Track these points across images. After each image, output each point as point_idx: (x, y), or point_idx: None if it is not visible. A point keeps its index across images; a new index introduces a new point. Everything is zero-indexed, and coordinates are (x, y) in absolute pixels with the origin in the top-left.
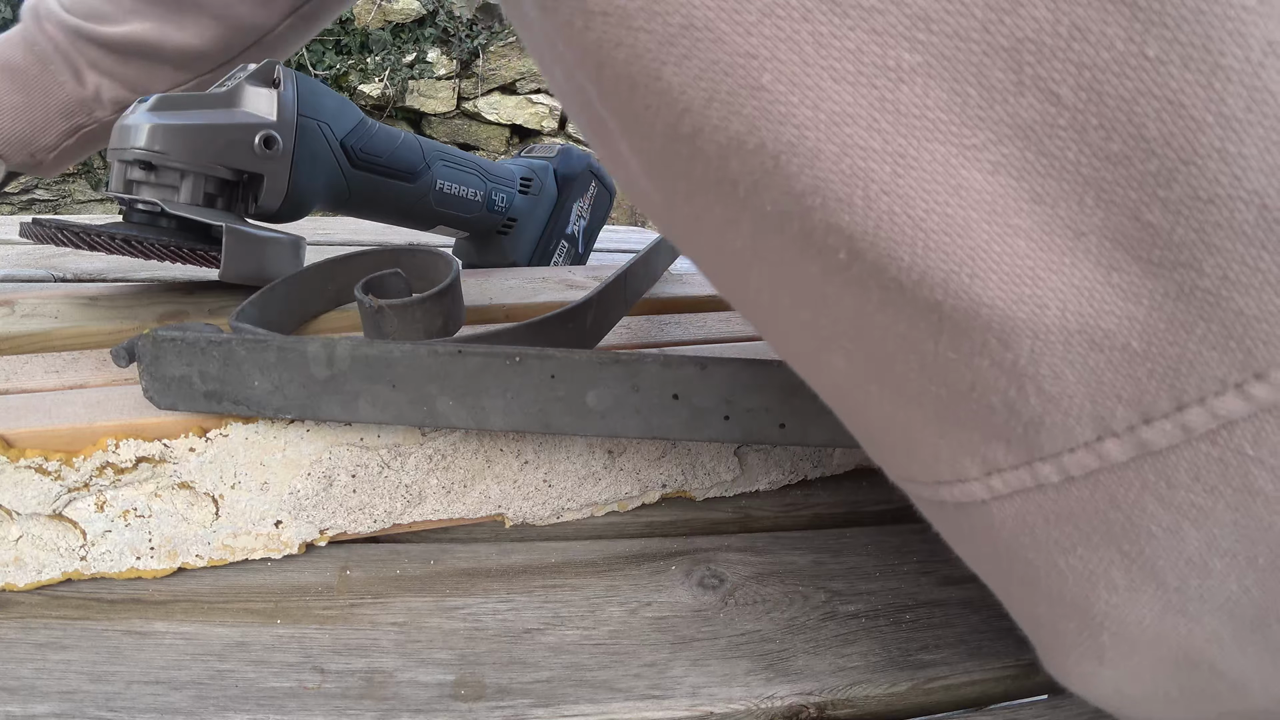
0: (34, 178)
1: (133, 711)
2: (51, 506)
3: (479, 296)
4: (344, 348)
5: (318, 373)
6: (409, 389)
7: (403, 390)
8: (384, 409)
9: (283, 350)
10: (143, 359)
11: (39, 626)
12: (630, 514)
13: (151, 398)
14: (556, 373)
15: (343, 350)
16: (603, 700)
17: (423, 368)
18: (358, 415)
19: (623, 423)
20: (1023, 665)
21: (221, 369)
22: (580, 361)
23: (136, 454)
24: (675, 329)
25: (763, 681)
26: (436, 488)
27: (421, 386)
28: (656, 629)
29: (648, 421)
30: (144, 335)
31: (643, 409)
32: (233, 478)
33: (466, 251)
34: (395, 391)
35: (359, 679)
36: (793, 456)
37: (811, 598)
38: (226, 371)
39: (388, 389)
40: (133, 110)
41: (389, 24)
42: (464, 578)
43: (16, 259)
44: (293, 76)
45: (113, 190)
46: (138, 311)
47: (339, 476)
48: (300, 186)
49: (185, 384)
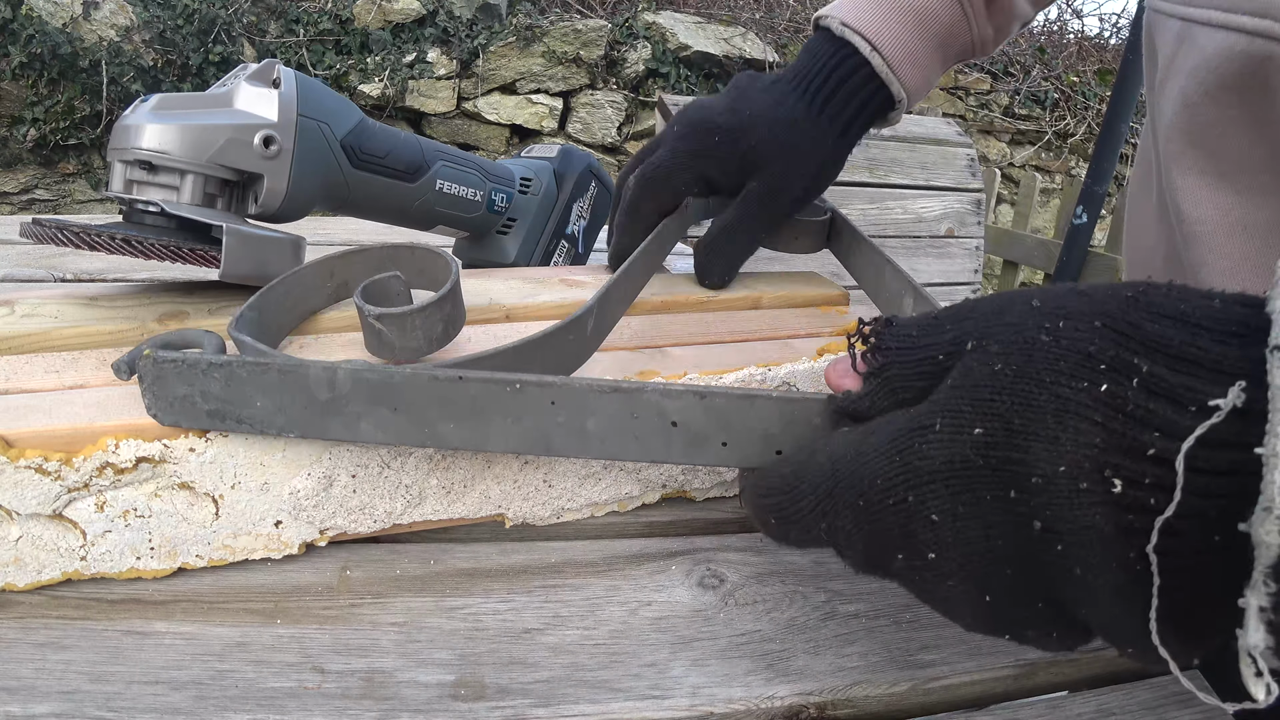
0: (35, 178)
1: (133, 711)
2: (51, 506)
3: (479, 296)
4: (345, 373)
5: (320, 395)
6: (411, 413)
7: (405, 414)
8: (386, 431)
9: (284, 373)
10: (144, 378)
11: (39, 626)
12: (630, 514)
13: (155, 415)
14: (556, 399)
15: (344, 375)
16: (603, 700)
17: (424, 393)
18: (360, 436)
19: (622, 447)
20: (1023, 665)
21: (224, 389)
22: (579, 389)
23: (136, 454)
24: (675, 328)
25: (763, 681)
26: (436, 488)
27: (423, 410)
28: (656, 629)
29: (646, 446)
30: (144, 356)
31: (641, 435)
32: (233, 478)
33: (466, 251)
34: (397, 415)
35: (359, 679)
36: None
37: (811, 598)
38: (229, 392)
39: (389, 412)
40: (133, 110)
41: (389, 24)
42: (464, 578)
43: (16, 259)
44: (293, 76)
45: (113, 190)
46: (138, 311)
47: (339, 477)
48: (300, 186)
49: (188, 403)
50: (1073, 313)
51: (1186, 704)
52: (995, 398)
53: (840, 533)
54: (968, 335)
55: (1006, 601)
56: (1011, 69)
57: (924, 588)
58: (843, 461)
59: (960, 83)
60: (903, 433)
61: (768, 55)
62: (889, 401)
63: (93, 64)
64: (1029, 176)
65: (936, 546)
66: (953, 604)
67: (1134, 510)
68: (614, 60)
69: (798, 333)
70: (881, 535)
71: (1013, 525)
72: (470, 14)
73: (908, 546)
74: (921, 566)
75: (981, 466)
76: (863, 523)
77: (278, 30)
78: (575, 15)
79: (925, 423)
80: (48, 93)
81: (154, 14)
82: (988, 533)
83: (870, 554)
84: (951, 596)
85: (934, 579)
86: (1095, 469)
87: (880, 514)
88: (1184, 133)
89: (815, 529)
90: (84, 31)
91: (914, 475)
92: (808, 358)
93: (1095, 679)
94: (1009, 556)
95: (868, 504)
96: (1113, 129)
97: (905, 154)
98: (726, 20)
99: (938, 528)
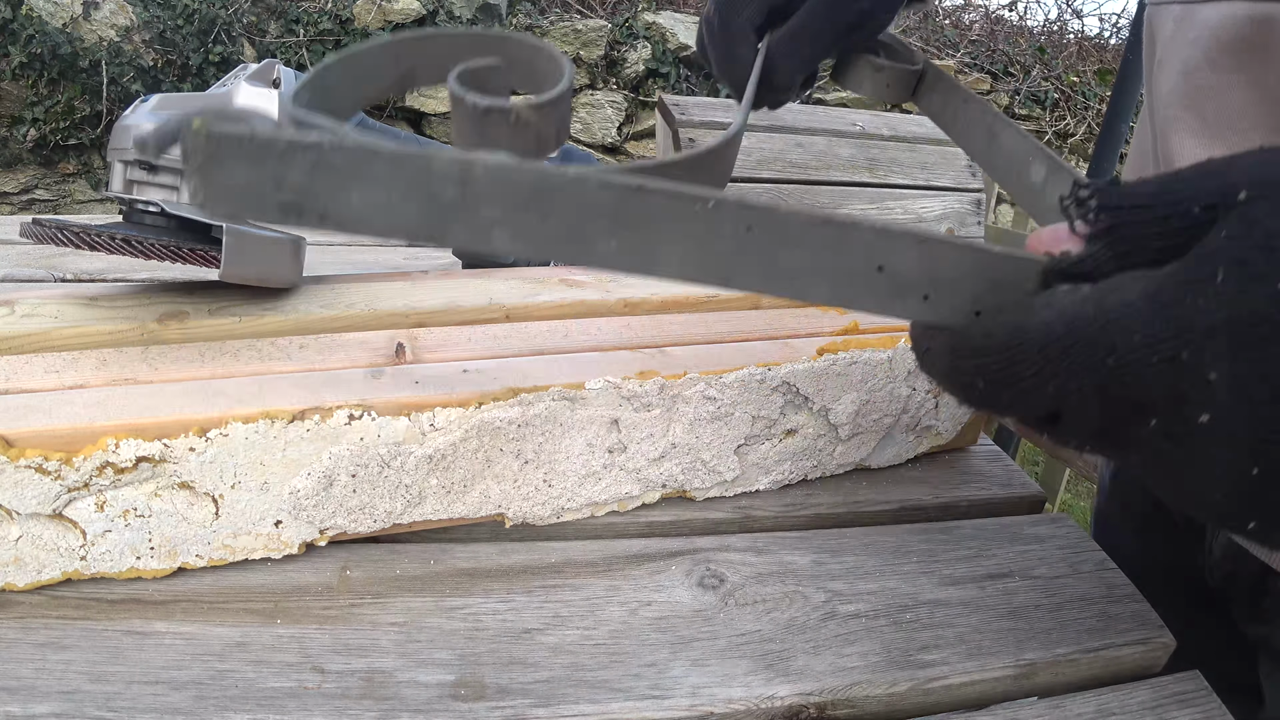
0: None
1: (133, 711)
2: (51, 506)
3: (479, 296)
4: (485, 168)
5: (443, 193)
6: (564, 223)
7: (556, 223)
8: (528, 242)
9: (398, 162)
10: (191, 157)
11: (39, 626)
12: (630, 514)
13: (203, 205)
14: (754, 225)
15: (484, 170)
16: (603, 700)
17: (588, 201)
18: (490, 244)
19: (812, 287)
20: (1023, 665)
21: (308, 177)
22: (784, 216)
23: (136, 454)
24: (675, 328)
25: (763, 681)
26: (436, 488)
27: (582, 222)
28: (656, 629)
29: (840, 289)
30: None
31: (839, 276)
32: (233, 477)
33: (466, 251)
34: (545, 224)
35: (359, 679)
36: (793, 455)
37: (811, 598)
38: (316, 181)
39: (537, 220)
40: (133, 110)
41: (389, 24)
42: (464, 578)
43: (16, 259)
44: (293, 76)
45: (113, 190)
46: (138, 311)
47: (339, 476)
48: None
49: (254, 192)
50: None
51: (1186, 704)
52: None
53: (1073, 395)
54: (1236, 187)
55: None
56: (1011, 69)
57: (1173, 459)
58: (1081, 319)
59: (961, 83)
60: (1168, 287)
61: None
62: (1115, 265)
63: (93, 64)
64: None
65: (1211, 408)
66: (1205, 480)
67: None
68: (614, 60)
69: (798, 332)
70: (1135, 398)
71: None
72: (470, 14)
73: (1170, 409)
74: (1182, 434)
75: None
76: (1111, 384)
77: (278, 30)
78: (575, 15)
79: (1200, 275)
80: (48, 93)
81: (154, 14)
82: (1276, 392)
83: (1111, 419)
84: (1208, 470)
85: (1194, 447)
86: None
87: (1138, 374)
88: (1182, 97)
89: (1039, 392)
90: (84, 31)
91: (1189, 330)
92: (808, 358)
93: (1095, 679)
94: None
95: (1119, 363)
96: (1113, 129)
97: (905, 154)
98: None
99: (1214, 387)
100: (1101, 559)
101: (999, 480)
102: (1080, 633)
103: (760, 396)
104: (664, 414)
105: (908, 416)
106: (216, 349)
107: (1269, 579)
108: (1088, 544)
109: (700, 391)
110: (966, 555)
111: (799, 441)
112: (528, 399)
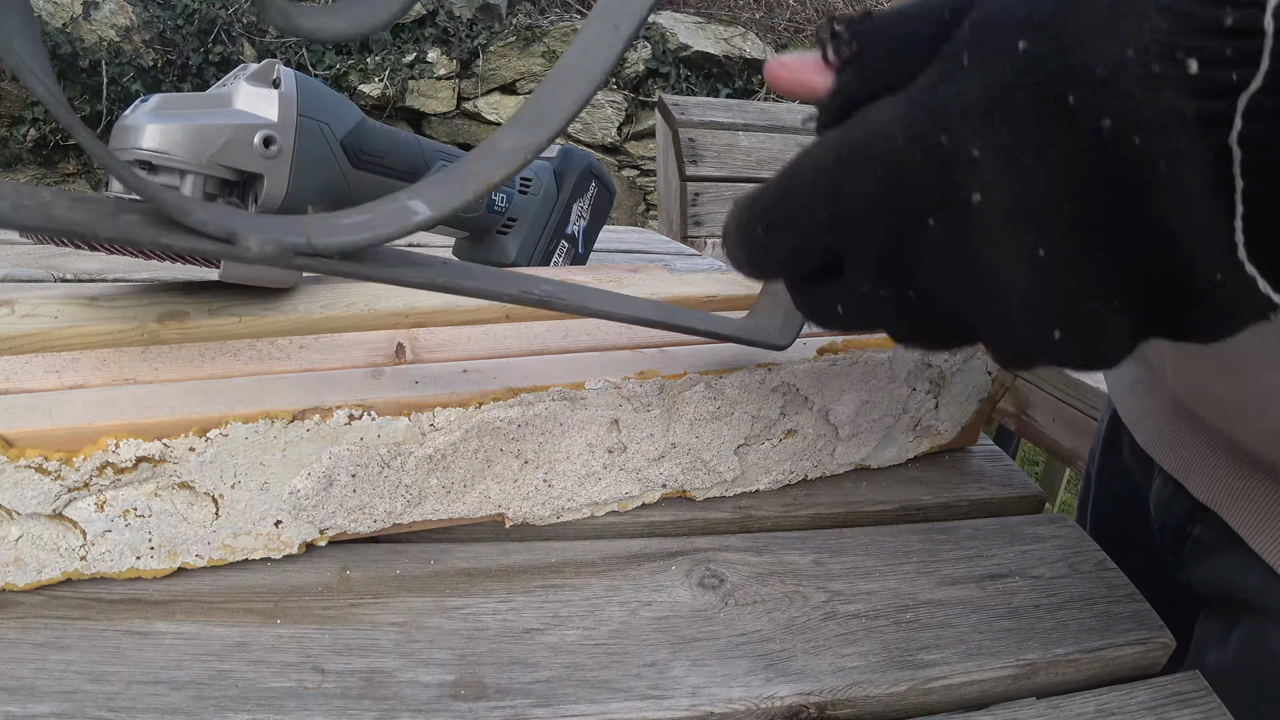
0: (35, 178)
1: (133, 711)
2: (51, 506)
3: None
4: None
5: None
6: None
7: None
8: None
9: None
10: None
11: (39, 626)
12: (630, 514)
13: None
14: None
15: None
16: (603, 700)
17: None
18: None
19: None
20: (1023, 665)
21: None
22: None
23: (136, 454)
24: None
25: (763, 681)
26: (436, 488)
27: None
28: (656, 629)
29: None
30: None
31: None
32: (233, 477)
33: (467, 251)
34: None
35: (359, 679)
36: (793, 455)
37: (811, 598)
38: None
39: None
40: (133, 110)
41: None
42: (464, 578)
43: (16, 259)
44: (293, 76)
45: (113, 191)
46: (138, 311)
47: (339, 476)
48: (300, 186)
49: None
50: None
51: (1187, 704)
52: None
53: (849, 220)
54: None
55: (1065, 253)
56: None
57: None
58: (846, 144)
59: None
60: (919, 88)
61: (768, 55)
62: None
63: (93, 64)
64: None
65: (980, 187)
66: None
67: (1213, 95)
68: None
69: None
70: (906, 201)
71: (1070, 136)
72: (470, 14)
73: (943, 200)
74: (961, 225)
75: (1028, 84)
76: (880, 193)
77: (278, 30)
78: (575, 15)
79: (949, 67)
80: None
81: (154, 14)
82: (1040, 155)
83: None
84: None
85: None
86: (1165, 54)
87: (904, 173)
88: None
89: (814, 226)
90: (84, 31)
91: (944, 115)
92: (808, 358)
93: (1095, 679)
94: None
95: (886, 170)
96: None
97: None
98: (726, 20)
99: (980, 164)
100: (1101, 559)
101: (999, 480)
102: (1080, 633)
103: (760, 396)
104: (664, 414)
105: (908, 416)
106: (216, 349)
107: (1189, 525)
108: (1088, 544)
109: (700, 392)
110: (966, 555)
111: (799, 441)
112: (528, 399)
